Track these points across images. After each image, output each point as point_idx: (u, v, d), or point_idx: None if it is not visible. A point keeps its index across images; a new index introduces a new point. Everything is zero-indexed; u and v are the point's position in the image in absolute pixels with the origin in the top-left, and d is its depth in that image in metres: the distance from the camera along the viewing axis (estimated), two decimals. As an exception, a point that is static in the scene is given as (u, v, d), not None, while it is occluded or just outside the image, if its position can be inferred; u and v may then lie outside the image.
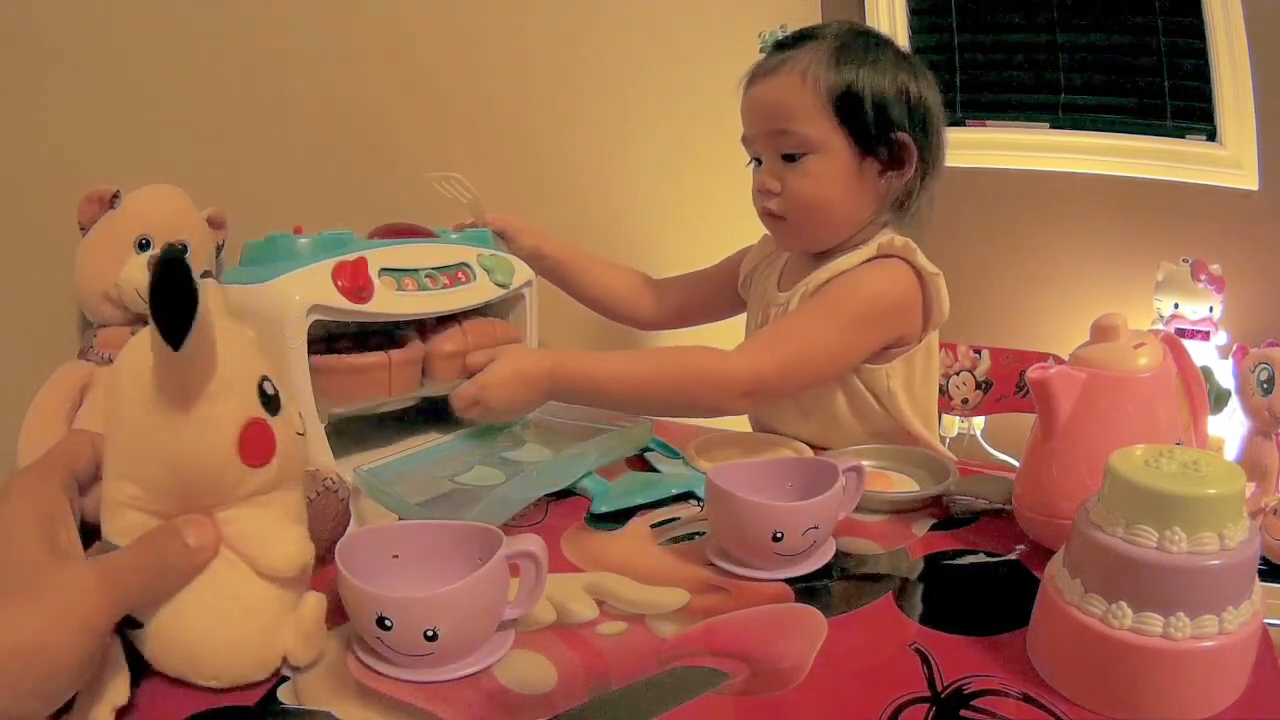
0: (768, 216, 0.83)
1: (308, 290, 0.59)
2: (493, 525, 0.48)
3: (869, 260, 0.79)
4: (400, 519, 0.59)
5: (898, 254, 0.79)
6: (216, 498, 0.41)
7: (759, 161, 0.83)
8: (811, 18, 2.21)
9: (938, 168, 0.82)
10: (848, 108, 0.76)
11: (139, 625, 0.41)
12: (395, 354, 0.67)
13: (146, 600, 0.40)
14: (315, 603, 0.44)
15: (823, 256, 0.84)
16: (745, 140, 0.83)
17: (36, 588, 0.35)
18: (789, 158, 0.79)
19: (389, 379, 0.67)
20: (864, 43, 0.79)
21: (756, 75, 0.81)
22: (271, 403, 0.43)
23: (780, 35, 0.82)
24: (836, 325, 0.77)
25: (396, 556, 0.48)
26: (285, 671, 0.44)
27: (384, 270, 0.65)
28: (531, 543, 0.46)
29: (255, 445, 0.41)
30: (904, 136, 0.78)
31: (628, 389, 0.72)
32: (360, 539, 0.47)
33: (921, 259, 0.79)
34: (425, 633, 0.42)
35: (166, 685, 0.42)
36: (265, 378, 0.43)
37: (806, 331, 0.77)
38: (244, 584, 0.42)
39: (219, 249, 0.71)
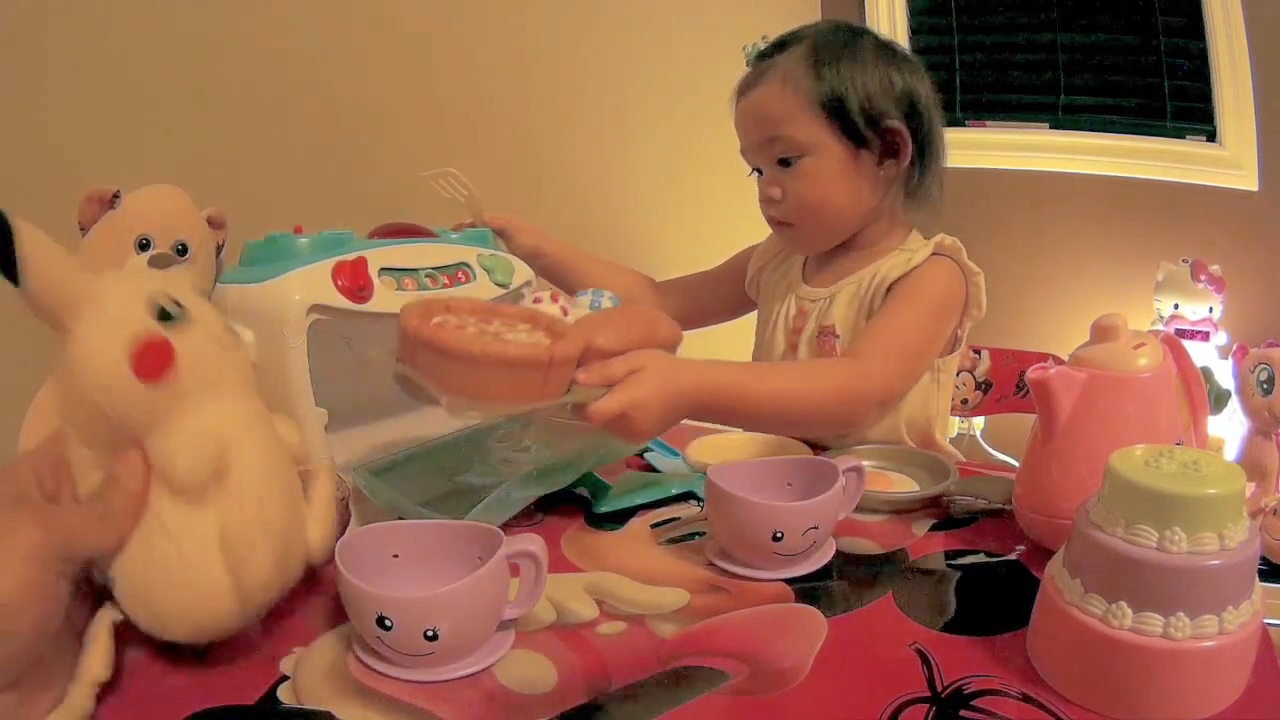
0: (776, 225, 0.85)
1: (308, 290, 0.59)
2: (492, 525, 0.48)
3: (929, 257, 0.81)
4: (400, 519, 0.59)
5: (947, 252, 0.81)
6: (136, 423, 0.41)
7: (760, 171, 0.84)
8: (811, 17, 2.20)
9: (937, 151, 0.82)
10: (833, 105, 0.77)
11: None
12: (559, 349, 0.52)
13: (103, 545, 0.40)
14: (325, 481, 0.45)
15: (846, 249, 0.85)
16: (743, 153, 0.85)
17: None
18: (785, 163, 0.80)
19: (543, 382, 0.51)
20: (842, 38, 0.79)
21: (742, 88, 0.83)
22: (170, 316, 0.42)
23: (762, 46, 0.84)
24: (929, 321, 0.79)
25: (396, 556, 0.48)
26: (285, 670, 0.44)
27: (384, 270, 0.65)
28: (531, 542, 0.46)
29: (147, 359, 0.41)
30: (895, 124, 0.78)
31: (779, 409, 0.67)
32: (360, 539, 0.47)
33: (965, 258, 0.81)
34: (425, 633, 0.42)
35: (167, 685, 0.42)
36: (166, 295, 0.43)
37: (910, 332, 0.77)
38: (174, 517, 0.42)
39: (219, 249, 0.71)
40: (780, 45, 0.82)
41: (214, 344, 0.44)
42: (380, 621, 0.42)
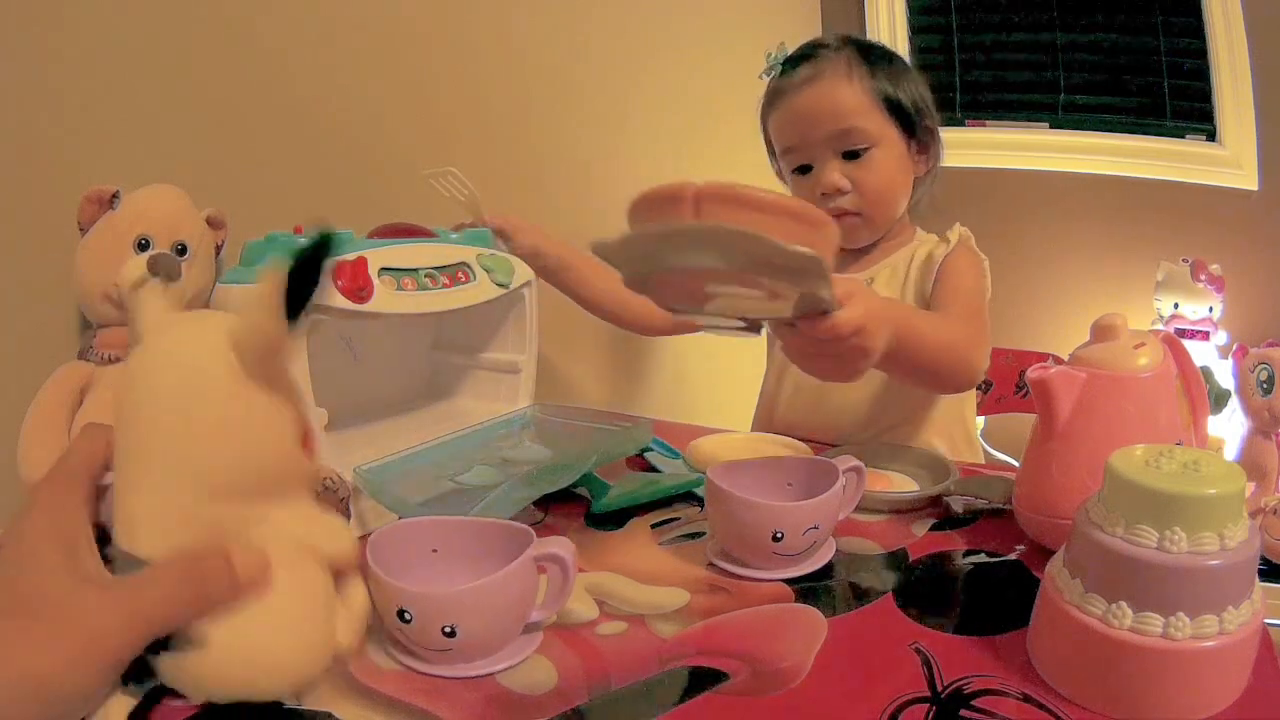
0: (838, 217, 0.87)
1: (308, 290, 0.59)
2: (526, 526, 0.48)
3: (952, 245, 0.86)
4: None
5: (960, 240, 0.87)
6: (281, 489, 0.42)
7: (802, 171, 0.87)
8: (811, 18, 2.21)
9: (942, 156, 0.90)
10: (892, 101, 0.84)
11: (162, 649, 0.39)
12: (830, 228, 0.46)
13: (185, 622, 0.38)
14: (363, 590, 0.45)
15: (865, 246, 0.91)
16: (789, 151, 0.88)
17: (64, 619, 0.35)
18: (851, 155, 0.84)
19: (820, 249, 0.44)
20: (877, 46, 0.87)
21: (792, 87, 0.86)
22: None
23: (787, 51, 0.88)
24: (984, 297, 0.83)
25: (435, 551, 0.49)
26: (343, 648, 0.44)
27: (384, 270, 0.65)
28: (558, 545, 0.46)
29: (308, 434, 0.43)
30: (931, 124, 0.86)
31: (934, 361, 0.69)
32: (399, 531, 0.48)
33: (974, 244, 0.87)
34: (444, 629, 0.42)
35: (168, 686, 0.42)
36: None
37: (980, 303, 0.82)
38: (309, 583, 0.42)
39: (219, 249, 0.71)
40: (811, 49, 0.86)
41: None
42: (400, 614, 0.42)
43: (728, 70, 0.86)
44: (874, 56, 0.85)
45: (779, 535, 0.52)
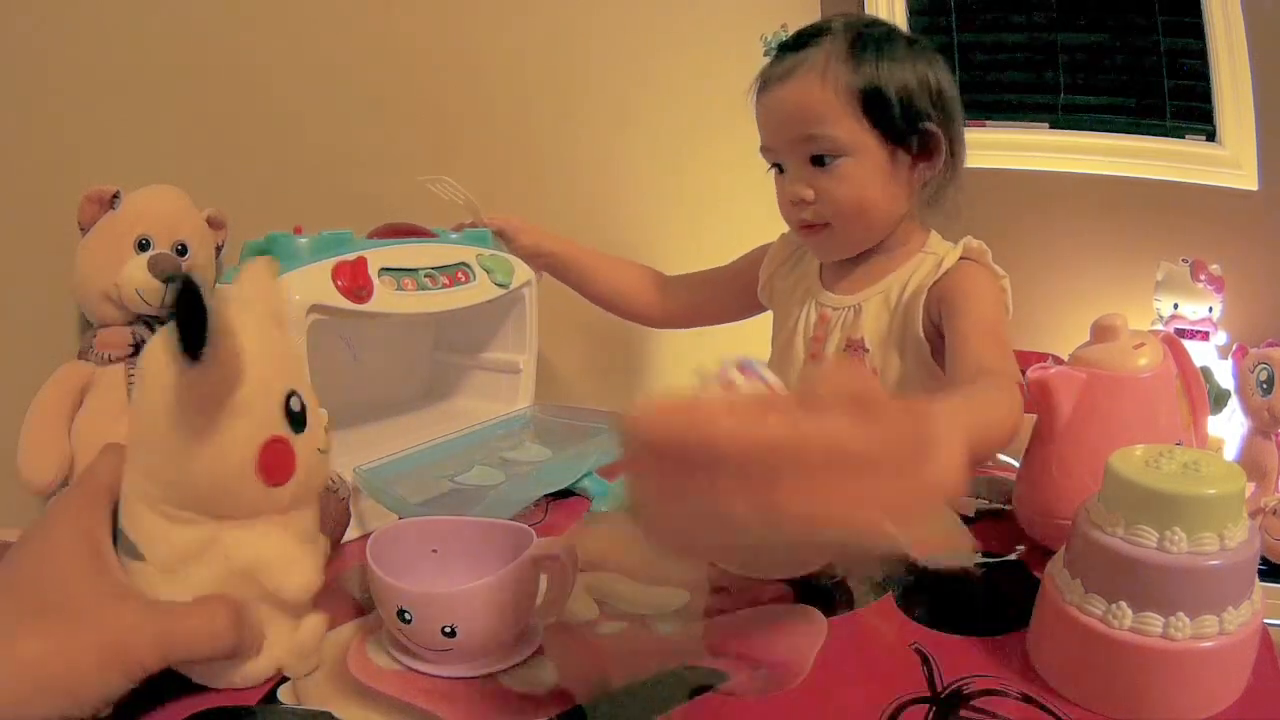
0: (804, 228, 0.79)
1: (308, 290, 0.59)
2: (526, 526, 0.48)
3: (958, 262, 0.77)
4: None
5: (974, 256, 0.78)
6: (234, 513, 0.41)
7: (779, 169, 0.79)
8: (811, 16, 2.20)
9: (963, 155, 0.79)
10: (873, 104, 0.73)
11: None
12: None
13: (206, 657, 0.40)
14: (316, 624, 0.45)
15: (867, 253, 0.82)
16: (765, 149, 0.80)
17: (97, 626, 0.36)
18: (818, 162, 0.75)
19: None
20: (875, 34, 0.75)
21: (769, 81, 0.77)
22: (297, 420, 0.42)
23: (784, 36, 0.79)
24: (1005, 325, 0.74)
25: (435, 551, 0.49)
26: (285, 671, 0.44)
27: (384, 270, 0.65)
28: (558, 546, 0.46)
29: (275, 465, 0.41)
30: (932, 127, 0.75)
31: (999, 447, 0.56)
32: (399, 531, 0.48)
33: (991, 260, 0.78)
34: (443, 629, 0.42)
35: (168, 685, 0.42)
36: (294, 392, 0.42)
37: (1004, 334, 0.71)
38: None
39: (219, 249, 0.71)
40: (805, 38, 0.77)
41: (315, 450, 0.44)
42: (401, 614, 0.42)
43: (728, 70, 0.85)
44: (867, 46, 0.73)
45: (779, 535, 0.52)
